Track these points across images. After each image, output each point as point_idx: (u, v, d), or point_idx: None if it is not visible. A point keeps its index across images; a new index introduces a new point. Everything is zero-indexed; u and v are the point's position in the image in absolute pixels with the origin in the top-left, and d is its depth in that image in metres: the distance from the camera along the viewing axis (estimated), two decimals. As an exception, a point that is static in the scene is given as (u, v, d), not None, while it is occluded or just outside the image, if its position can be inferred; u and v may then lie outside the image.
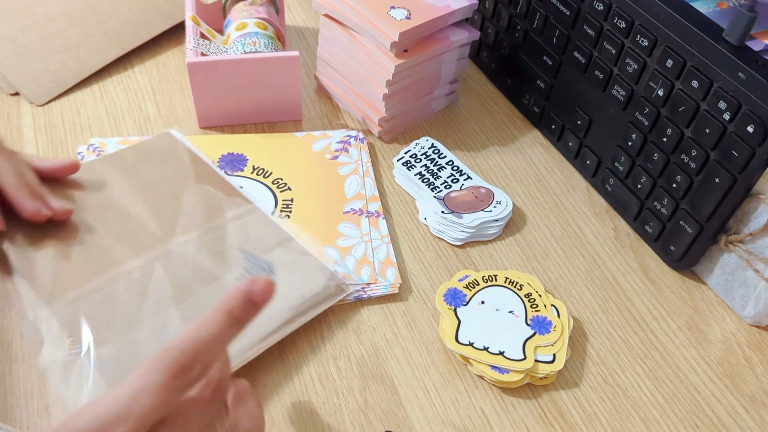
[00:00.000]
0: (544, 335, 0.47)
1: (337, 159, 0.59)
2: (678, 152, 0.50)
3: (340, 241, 0.53)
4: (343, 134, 0.60)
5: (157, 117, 0.62)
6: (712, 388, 0.48)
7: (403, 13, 0.56)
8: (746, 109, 0.45)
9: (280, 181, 0.56)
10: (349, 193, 0.56)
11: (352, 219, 0.54)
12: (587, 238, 0.56)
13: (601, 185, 0.59)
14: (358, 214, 0.55)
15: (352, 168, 0.58)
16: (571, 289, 0.52)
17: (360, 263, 0.51)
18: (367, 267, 0.51)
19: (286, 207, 0.54)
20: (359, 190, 0.56)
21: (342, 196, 0.56)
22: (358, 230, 0.54)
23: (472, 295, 0.49)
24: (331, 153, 0.59)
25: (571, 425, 0.45)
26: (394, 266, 0.51)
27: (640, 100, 0.52)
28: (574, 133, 0.60)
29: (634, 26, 0.51)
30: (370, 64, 0.58)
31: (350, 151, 0.59)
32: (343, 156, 0.59)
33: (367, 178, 0.58)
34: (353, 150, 0.59)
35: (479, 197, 0.56)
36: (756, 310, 0.50)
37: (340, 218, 0.54)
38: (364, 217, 0.55)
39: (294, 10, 0.75)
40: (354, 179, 0.57)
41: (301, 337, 0.48)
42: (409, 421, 0.44)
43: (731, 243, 0.50)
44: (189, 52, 0.58)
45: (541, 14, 0.59)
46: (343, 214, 0.55)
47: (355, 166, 0.58)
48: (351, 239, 0.53)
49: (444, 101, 0.65)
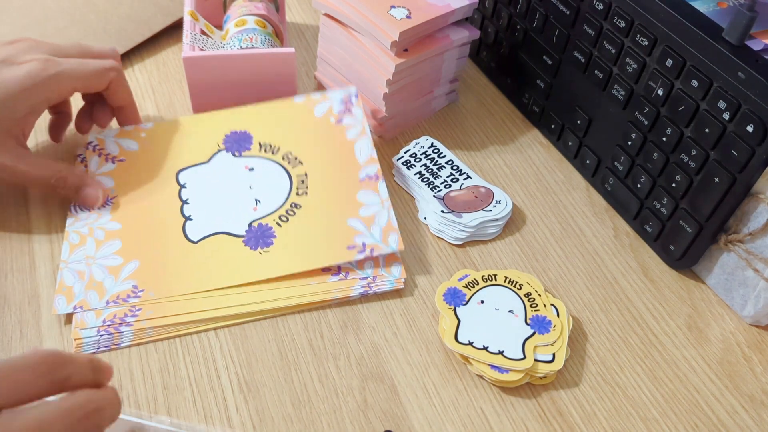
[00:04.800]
0: (544, 335, 0.47)
1: (341, 123, 0.57)
2: (678, 152, 0.50)
3: (362, 211, 0.52)
4: (343, 93, 0.59)
5: (156, 116, 0.62)
6: (711, 388, 0.48)
7: (404, 12, 0.56)
8: (746, 109, 0.45)
9: (290, 156, 0.55)
10: (362, 158, 0.55)
11: (369, 185, 0.53)
12: (587, 237, 0.56)
13: (600, 185, 0.59)
14: (374, 180, 0.54)
15: (359, 131, 0.57)
16: (570, 289, 0.53)
17: (385, 231, 0.51)
18: (393, 234, 0.51)
19: (302, 183, 0.54)
20: (370, 154, 0.55)
21: (355, 163, 0.55)
22: (377, 196, 0.53)
23: (471, 294, 0.49)
24: (334, 116, 0.57)
25: (571, 425, 0.45)
26: (399, 262, 0.51)
27: (639, 99, 0.52)
28: (574, 133, 0.60)
29: (634, 26, 0.51)
30: (370, 63, 0.58)
31: (353, 111, 0.58)
32: (347, 118, 0.57)
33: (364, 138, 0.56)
34: (356, 110, 0.58)
35: (479, 197, 0.56)
36: (755, 310, 0.50)
37: (357, 186, 0.53)
38: (380, 181, 0.54)
39: (294, 9, 0.75)
40: (363, 142, 0.56)
41: (300, 336, 0.48)
42: (409, 421, 0.44)
43: (731, 242, 0.50)
44: (185, 46, 0.58)
45: (541, 14, 0.59)
46: (360, 182, 0.54)
47: (362, 128, 0.57)
48: (372, 207, 0.52)
49: (444, 100, 0.65)
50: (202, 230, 0.52)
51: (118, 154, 0.55)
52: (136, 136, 0.57)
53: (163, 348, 0.47)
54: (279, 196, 0.54)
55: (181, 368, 0.46)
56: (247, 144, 0.56)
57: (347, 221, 0.51)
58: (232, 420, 0.43)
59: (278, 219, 0.52)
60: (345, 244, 0.50)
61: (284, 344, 0.47)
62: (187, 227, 0.52)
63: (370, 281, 0.50)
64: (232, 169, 0.55)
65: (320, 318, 0.49)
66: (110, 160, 0.55)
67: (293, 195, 0.53)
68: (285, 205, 0.53)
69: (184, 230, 0.52)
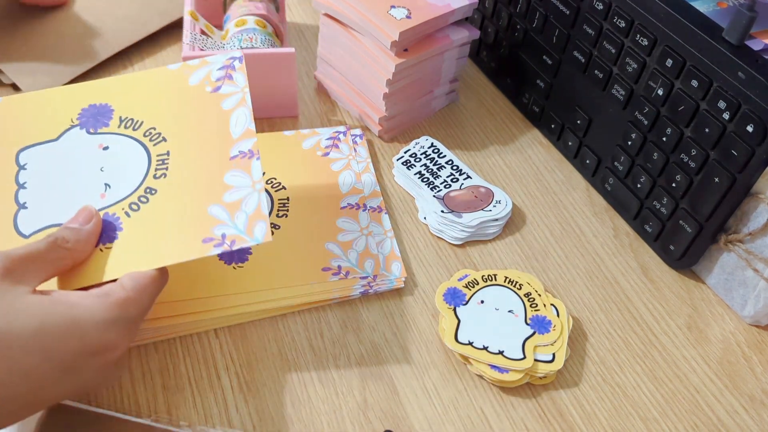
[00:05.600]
0: (544, 334, 0.47)
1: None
2: (677, 152, 0.50)
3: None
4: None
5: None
6: (711, 388, 0.48)
7: (404, 12, 0.56)
8: (746, 109, 0.45)
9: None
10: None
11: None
12: (587, 237, 0.56)
13: (600, 184, 0.59)
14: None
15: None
16: (570, 289, 0.53)
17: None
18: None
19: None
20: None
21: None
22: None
23: (471, 294, 0.49)
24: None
25: (571, 424, 0.45)
26: (399, 260, 0.52)
27: (639, 99, 0.52)
28: (574, 133, 0.60)
29: (634, 26, 0.51)
30: (370, 63, 0.58)
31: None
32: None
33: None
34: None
35: (479, 196, 0.56)
36: (755, 310, 0.50)
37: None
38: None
39: (294, 9, 0.75)
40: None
41: (300, 335, 0.48)
42: (409, 421, 0.44)
43: (731, 242, 0.50)
44: (185, 46, 0.58)
45: (541, 13, 0.59)
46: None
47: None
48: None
49: (444, 100, 0.65)
50: (36, 222, 0.43)
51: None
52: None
53: (163, 348, 0.47)
54: (133, 180, 0.44)
55: (181, 368, 0.46)
56: (105, 119, 0.47)
57: (207, 209, 0.43)
58: (232, 420, 0.43)
59: (128, 207, 0.43)
60: (201, 236, 0.42)
61: (284, 344, 0.47)
62: (19, 217, 0.43)
63: (370, 280, 0.50)
64: (84, 148, 0.46)
65: (320, 318, 0.49)
66: None
67: (150, 178, 0.44)
68: (138, 191, 0.44)
69: (15, 221, 0.43)
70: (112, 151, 0.46)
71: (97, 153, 0.46)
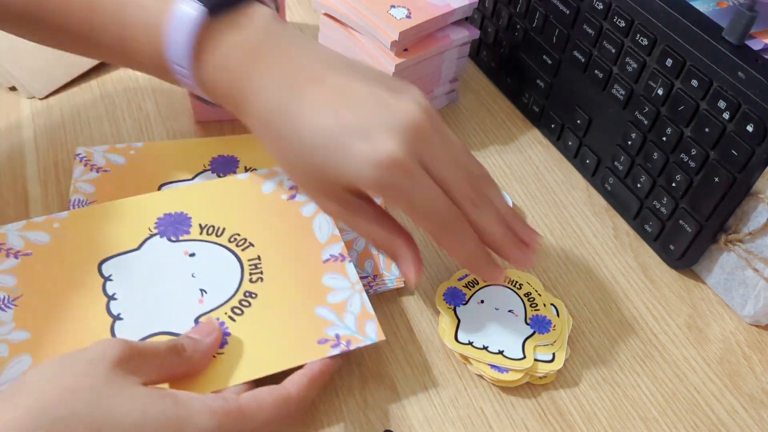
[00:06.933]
0: (544, 334, 0.47)
1: (294, 198, 0.50)
2: (677, 151, 0.50)
3: (331, 297, 0.45)
4: None
5: (156, 116, 0.62)
6: (711, 387, 0.48)
7: (403, 12, 0.56)
8: (746, 109, 0.45)
9: (238, 237, 0.47)
10: (322, 236, 0.48)
11: (335, 267, 0.46)
12: (587, 237, 0.56)
13: (600, 184, 0.59)
14: (340, 260, 0.47)
15: (316, 206, 0.49)
16: (570, 288, 0.53)
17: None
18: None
19: (255, 268, 0.46)
20: (332, 232, 0.48)
21: (314, 242, 0.48)
22: (346, 280, 0.46)
23: (471, 294, 0.49)
24: (286, 192, 0.50)
25: (571, 424, 0.45)
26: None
27: (639, 99, 0.52)
28: (574, 132, 0.60)
29: (634, 25, 0.51)
30: (370, 63, 0.58)
31: None
32: (300, 193, 0.50)
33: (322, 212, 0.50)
34: None
35: (479, 196, 0.56)
36: (755, 309, 0.50)
37: (322, 269, 0.46)
38: (347, 262, 0.47)
39: (294, 9, 0.75)
40: (322, 218, 0.49)
41: (300, 336, 0.48)
42: (409, 421, 0.44)
43: (731, 242, 0.50)
44: None
45: (541, 13, 0.59)
46: (324, 263, 0.47)
47: None
48: (341, 292, 0.45)
49: (444, 100, 0.65)
50: (138, 331, 0.42)
51: (23, 248, 0.45)
52: (48, 228, 0.46)
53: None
54: (229, 285, 0.45)
55: (181, 368, 0.46)
56: (185, 227, 0.47)
57: (314, 310, 0.44)
58: (232, 420, 0.43)
59: (231, 311, 0.43)
60: (315, 337, 0.43)
61: (284, 344, 0.47)
62: (116, 329, 0.42)
63: (370, 281, 0.50)
64: (170, 256, 0.46)
65: (320, 318, 0.49)
66: (12, 255, 0.44)
67: (246, 282, 0.45)
68: (237, 295, 0.44)
69: (113, 333, 0.42)
70: (200, 257, 0.46)
71: (185, 260, 0.46)
